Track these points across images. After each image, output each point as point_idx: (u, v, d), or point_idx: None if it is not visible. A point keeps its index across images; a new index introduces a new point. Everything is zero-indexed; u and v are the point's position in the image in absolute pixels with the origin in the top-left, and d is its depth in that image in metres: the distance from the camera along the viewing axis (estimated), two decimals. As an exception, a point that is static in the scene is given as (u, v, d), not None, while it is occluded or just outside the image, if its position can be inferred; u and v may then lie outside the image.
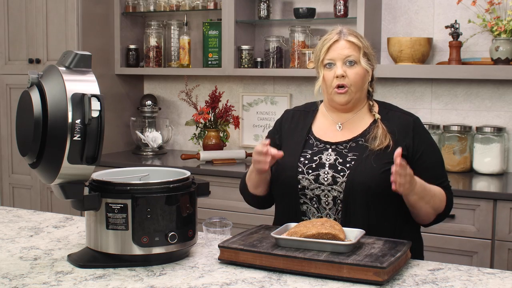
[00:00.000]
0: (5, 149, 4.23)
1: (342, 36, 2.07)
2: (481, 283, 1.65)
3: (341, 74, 2.04)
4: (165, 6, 4.08)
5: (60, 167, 1.64)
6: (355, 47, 2.06)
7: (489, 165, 3.27)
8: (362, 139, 2.07)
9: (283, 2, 3.90)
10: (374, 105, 2.14)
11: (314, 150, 2.10)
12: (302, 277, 1.68)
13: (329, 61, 2.07)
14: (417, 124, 2.10)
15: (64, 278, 1.68)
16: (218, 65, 3.92)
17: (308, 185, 2.05)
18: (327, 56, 2.07)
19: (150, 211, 1.74)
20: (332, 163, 2.05)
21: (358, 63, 2.06)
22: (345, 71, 2.04)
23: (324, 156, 2.07)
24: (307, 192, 2.05)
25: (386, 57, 3.60)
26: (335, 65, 2.06)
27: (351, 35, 2.08)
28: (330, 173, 2.03)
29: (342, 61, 2.05)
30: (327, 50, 2.07)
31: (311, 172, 2.05)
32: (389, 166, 1.98)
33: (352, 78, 2.05)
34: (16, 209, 2.49)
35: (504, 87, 3.40)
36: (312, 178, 2.05)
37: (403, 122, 2.09)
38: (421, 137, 2.08)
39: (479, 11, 3.27)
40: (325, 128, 2.15)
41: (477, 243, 2.89)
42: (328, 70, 2.07)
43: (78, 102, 1.63)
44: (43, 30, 3.97)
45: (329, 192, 2.03)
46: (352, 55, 2.05)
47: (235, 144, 4.08)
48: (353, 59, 2.05)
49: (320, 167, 2.06)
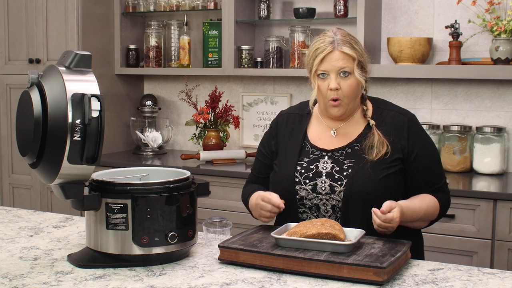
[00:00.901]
0: (5, 149, 4.23)
1: (336, 46, 2.01)
2: (481, 283, 1.65)
3: (335, 87, 2.01)
4: (165, 6, 4.08)
5: (60, 167, 1.64)
6: (349, 58, 2.01)
7: (489, 165, 3.27)
8: (357, 145, 2.05)
9: (283, 2, 3.90)
10: (368, 109, 2.11)
11: (310, 157, 2.09)
12: (302, 277, 1.68)
13: (322, 72, 2.03)
14: (411, 123, 2.08)
15: (64, 278, 1.68)
16: (218, 65, 3.92)
17: (306, 195, 2.04)
18: (321, 68, 2.02)
19: (150, 211, 1.74)
20: (329, 172, 2.04)
21: (352, 74, 2.02)
22: (339, 83, 2.01)
23: (321, 164, 2.06)
24: (305, 202, 2.04)
25: (386, 57, 3.60)
26: (329, 75, 2.02)
27: (345, 45, 2.01)
28: (328, 182, 2.02)
29: (336, 72, 2.01)
30: (320, 60, 2.02)
31: (308, 182, 2.04)
32: (386, 172, 2.00)
33: (345, 91, 2.02)
34: (16, 209, 2.49)
35: (504, 87, 3.40)
36: (309, 188, 2.03)
37: (398, 122, 2.07)
38: (415, 137, 2.06)
39: (479, 11, 3.27)
40: (320, 133, 2.13)
41: (477, 243, 2.89)
42: (322, 81, 2.03)
43: (78, 102, 1.63)
44: (43, 30, 3.97)
45: (327, 201, 2.02)
46: (347, 66, 2.00)
47: (235, 144, 4.08)
48: (347, 70, 2.01)
49: (317, 176, 2.04)
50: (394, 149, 2.02)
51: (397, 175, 2.02)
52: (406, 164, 2.03)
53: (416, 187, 2.05)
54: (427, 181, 2.05)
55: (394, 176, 2.01)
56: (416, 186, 2.05)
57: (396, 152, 2.02)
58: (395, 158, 2.02)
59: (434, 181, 2.07)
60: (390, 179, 2.00)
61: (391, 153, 2.01)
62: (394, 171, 2.01)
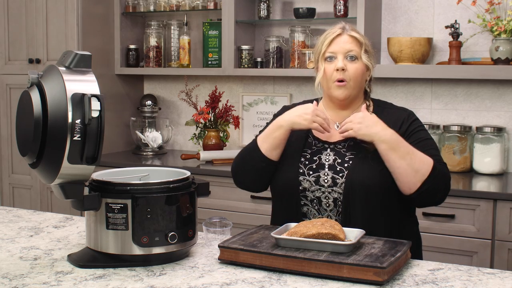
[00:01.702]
0: (5, 149, 4.23)
1: (345, 31, 2.10)
2: (481, 283, 1.65)
3: (341, 67, 2.05)
4: (165, 6, 4.08)
5: (60, 167, 1.64)
6: (357, 42, 2.08)
7: (489, 165, 3.27)
8: None
9: (283, 2, 3.90)
10: (370, 105, 2.15)
11: (313, 149, 2.11)
12: (302, 277, 1.68)
13: (330, 54, 2.08)
14: (410, 117, 2.12)
15: (64, 278, 1.68)
16: (218, 65, 3.92)
17: (309, 187, 2.05)
18: (329, 49, 2.08)
19: (150, 211, 1.74)
20: (331, 164, 2.06)
21: (359, 59, 2.08)
22: (346, 65, 2.06)
23: (324, 156, 2.08)
24: (308, 194, 2.06)
25: (386, 57, 3.60)
26: (336, 58, 2.07)
27: (354, 31, 2.11)
28: (330, 175, 2.04)
29: (343, 55, 2.07)
30: (329, 43, 2.09)
31: (312, 173, 2.06)
32: None
33: (352, 73, 2.06)
34: (16, 209, 2.49)
35: (504, 87, 3.40)
36: (313, 180, 2.05)
37: (398, 116, 2.11)
38: (413, 126, 2.09)
39: (479, 11, 3.27)
40: None
41: (477, 243, 2.89)
42: (328, 63, 2.09)
43: (78, 102, 1.63)
44: (43, 30, 3.97)
45: (329, 194, 2.04)
46: (354, 50, 2.07)
47: (235, 144, 4.08)
48: (354, 54, 2.07)
49: (320, 168, 2.06)
50: None
51: None
52: None
53: None
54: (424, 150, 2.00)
55: None
56: None
57: None
58: None
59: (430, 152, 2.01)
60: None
61: None
62: None
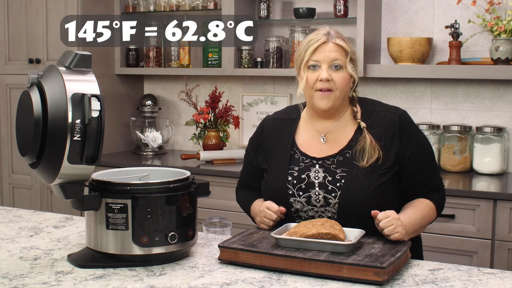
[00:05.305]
0: (5, 149, 4.23)
1: (330, 38, 1.98)
2: (481, 283, 1.65)
3: (326, 77, 1.95)
4: (165, 6, 4.08)
5: (60, 167, 1.64)
6: (342, 50, 1.98)
7: (489, 165, 3.27)
8: (349, 152, 1.99)
9: (283, 2, 3.90)
10: (358, 112, 2.04)
11: (301, 166, 2.03)
12: (302, 277, 1.68)
13: (314, 63, 1.98)
14: (402, 121, 2.02)
15: (64, 278, 1.68)
16: (218, 65, 3.92)
17: (301, 208, 2.00)
18: (313, 57, 1.97)
19: (150, 211, 1.74)
20: (321, 182, 1.99)
21: (344, 68, 1.98)
22: (330, 74, 1.96)
23: (312, 174, 2.00)
24: (301, 214, 2.01)
25: (386, 57, 3.60)
26: (320, 67, 1.97)
27: (339, 38, 1.99)
28: (322, 194, 1.98)
29: (328, 64, 1.97)
30: (313, 51, 1.97)
31: (302, 194, 2.00)
32: (380, 179, 1.95)
33: (338, 83, 1.97)
34: (16, 209, 2.49)
35: (504, 87, 3.40)
36: (304, 200, 2.00)
37: (388, 121, 2.01)
38: (408, 136, 2.01)
39: (479, 11, 3.27)
40: (309, 140, 2.07)
41: (477, 243, 2.89)
42: (312, 72, 1.98)
43: (78, 102, 1.63)
44: (43, 30, 3.97)
45: (323, 213, 1.99)
46: (339, 59, 1.97)
47: (235, 144, 4.08)
48: (339, 63, 1.97)
49: (310, 187, 1.99)
50: (386, 155, 1.97)
51: (391, 181, 1.98)
52: (400, 165, 1.98)
53: (411, 186, 2.01)
54: (422, 180, 2.01)
55: (388, 183, 1.97)
56: (411, 185, 2.01)
57: (389, 158, 1.97)
58: (388, 166, 1.97)
59: (429, 178, 2.03)
60: (384, 187, 1.95)
61: (384, 159, 1.96)
62: (388, 178, 1.97)
